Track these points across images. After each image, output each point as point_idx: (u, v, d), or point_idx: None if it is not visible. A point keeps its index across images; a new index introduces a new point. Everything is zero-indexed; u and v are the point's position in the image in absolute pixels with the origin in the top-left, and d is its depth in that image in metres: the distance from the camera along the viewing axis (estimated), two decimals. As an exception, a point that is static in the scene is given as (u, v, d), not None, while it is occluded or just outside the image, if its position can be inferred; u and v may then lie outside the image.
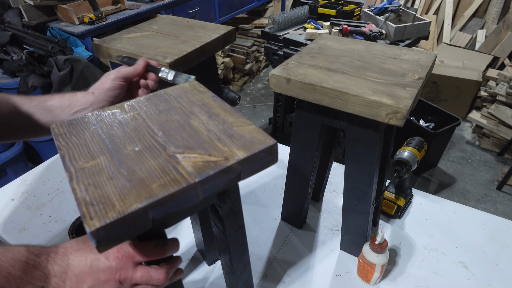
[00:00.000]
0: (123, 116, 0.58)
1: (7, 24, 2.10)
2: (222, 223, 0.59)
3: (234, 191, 0.57)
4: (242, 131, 0.53)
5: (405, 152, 0.92)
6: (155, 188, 0.43)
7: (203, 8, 2.89)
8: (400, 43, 1.91)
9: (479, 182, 2.37)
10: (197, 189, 0.45)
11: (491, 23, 3.43)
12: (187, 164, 0.47)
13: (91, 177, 0.45)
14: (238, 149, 0.49)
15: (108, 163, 0.47)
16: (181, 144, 0.51)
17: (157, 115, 0.58)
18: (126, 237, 0.42)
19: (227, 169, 0.47)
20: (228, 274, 0.71)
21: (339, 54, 0.80)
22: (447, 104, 2.92)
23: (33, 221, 1.02)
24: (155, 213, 0.42)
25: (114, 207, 0.40)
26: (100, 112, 0.59)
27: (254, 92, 3.49)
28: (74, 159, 0.48)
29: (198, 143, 0.51)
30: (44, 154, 2.22)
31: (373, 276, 0.81)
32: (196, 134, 0.53)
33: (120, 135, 0.53)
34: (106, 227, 0.39)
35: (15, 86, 1.91)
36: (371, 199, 0.80)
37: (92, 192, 0.43)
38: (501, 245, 0.93)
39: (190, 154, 0.49)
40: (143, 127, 0.55)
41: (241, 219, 0.62)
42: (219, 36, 0.94)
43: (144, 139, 0.52)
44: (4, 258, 0.45)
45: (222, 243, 0.65)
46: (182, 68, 0.85)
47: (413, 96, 0.62)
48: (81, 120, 0.57)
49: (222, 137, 0.52)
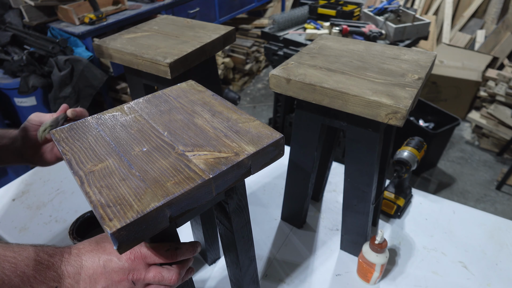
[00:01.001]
0: (124, 118, 0.58)
1: (7, 25, 2.10)
2: (229, 219, 0.59)
3: (241, 187, 0.58)
4: (248, 127, 0.54)
5: (404, 152, 0.93)
6: (170, 186, 0.43)
7: (203, 8, 2.90)
8: (399, 43, 1.91)
9: (479, 182, 2.38)
10: (211, 185, 0.46)
11: (490, 24, 3.44)
12: (198, 162, 0.47)
13: (103, 180, 0.45)
14: (246, 144, 0.50)
15: (118, 165, 0.48)
16: (188, 142, 0.51)
17: (159, 116, 0.58)
18: (144, 237, 0.42)
19: (238, 164, 0.48)
20: (234, 270, 0.71)
21: (339, 54, 0.80)
22: (446, 104, 2.93)
23: (33, 221, 1.02)
24: (172, 211, 0.43)
25: (132, 207, 0.41)
26: (100, 115, 0.60)
27: (254, 92, 3.50)
28: (81, 163, 0.49)
29: (206, 141, 0.51)
30: (44, 154, 2.22)
31: (372, 276, 0.81)
32: (202, 132, 0.54)
33: (124, 137, 0.54)
34: (127, 228, 0.39)
35: (16, 87, 1.91)
36: (371, 199, 0.80)
37: (107, 194, 0.43)
38: (500, 245, 0.94)
39: (199, 151, 0.49)
40: (147, 128, 0.55)
41: (247, 215, 0.62)
42: (219, 37, 0.94)
43: (151, 140, 0.53)
44: (19, 257, 0.45)
45: (228, 240, 0.65)
46: (182, 68, 0.85)
47: (413, 96, 0.63)
48: (81, 125, 0.57)
49: (229, 134, 0.53)
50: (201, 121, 0.56)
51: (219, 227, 0.66)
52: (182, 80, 0.74)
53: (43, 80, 1.91)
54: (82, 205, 1.07)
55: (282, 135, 0.52)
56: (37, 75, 1.91)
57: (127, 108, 0.61)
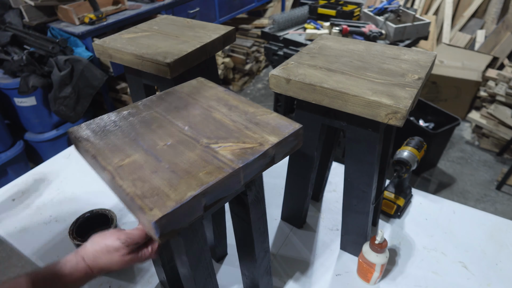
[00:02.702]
0: (142, 115, 0.60)
1: (7, 25, 2.10)
2: (247, 211, 0.61)
3: (259, 178, 0.60)
4: (267, 119, 0.56)
5: (404, 152, 0.93)
6: (203, 176, 0.45)
7: (203, 8, 2.90)
8: (399, 43, 1.91)
9: (479, 182, 2.37)
10: (240, 175, 0.48)
11: (490, 24, 3.43)
12: (225, 153, 0.49)
13: (134, 173, 0.47)
14: (269, 135, 0.52)
15: (145, 159, 0.49)
16: (211, 135, 0.53)
17: (176, 112, 0.60)
18: (181, 225, 0.44)
19: (264, 154, 0.50)
20: (248, 264, 0.73)
21: (339, 54, 0.80)
22: (446, 104, 2.93)
23: (33, 221, 1.02)
24: (207, 200, 0.45)
25: (169, 197, 0.42)
26: (115, 113, 0.61)
27: (254, 92, 3.49)
28: (108, 159, 0.50)
29: (228, 133, 0.53)
30: (44, 154, 2.22)
31: (373, 276, 0.81)
32: (222, 125, 0.55)
33: (146, 132, 0.55)
34: (167, 216, 0.41)
35: (16, 87, 1.91)
36: (371, 199, 0.80)
37: (141, 186, 0.45)
38: (500, 245, 0.94)
39: (224, 143, 0.51)
40: (167, 123, 0.57)
41: (264, 206, 0.64)
42: (219, 37, 0.94)
43: (173, 134, 0.54)
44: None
45: (244, 234, 0.67)
46: (182, 68, 0.85)
47: (413, 96, 0.63)
48: (99, 122, 0.58)
49: (250, 126, 0.54)
50: (219, 115, 0.58)
51: (234, 221, 0.67)
52: (182, 80, 0.74)
53: (43, 80, 1.91)
54: (82, 205, 1.07)
55: (301, 125, 0.54)
56: (37, 75, 1.91)
57: (142, 105, 0.62)
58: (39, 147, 2.20)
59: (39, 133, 2.16)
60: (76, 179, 1.17)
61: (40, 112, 2.06)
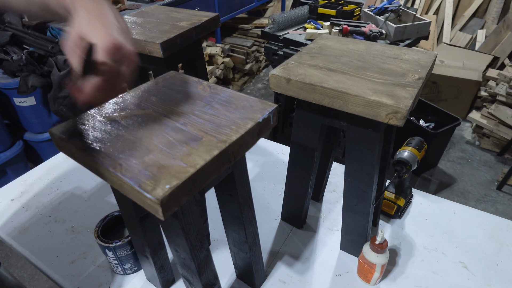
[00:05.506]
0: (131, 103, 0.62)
1: (7, 24, 2.09)
2: (235, 189, 0.65)
3: (243, 159, 0.65)
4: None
5: (405, 152, 0.92)
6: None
7: (203, 8, 2.90)
8: (400, 43, 1.91)
9: (479, 182, 2.37)
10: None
11: (491, 23, 3.43)
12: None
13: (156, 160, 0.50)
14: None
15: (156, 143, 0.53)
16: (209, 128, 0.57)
17: (170, 104, 0.62)
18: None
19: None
20: (241, 245, 0.75)
21: (339, 54, 0.80)
22: (447, 104, 2.92)
23: (33, 221, 1.02)
24: None
25: None
26: (115, 101, 0.63)
27: (254, 92, 3.49)
28: (116, 151, 0.52)
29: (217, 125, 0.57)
30: (44, 154, 2.22)
31: (373, 276, 0.81)
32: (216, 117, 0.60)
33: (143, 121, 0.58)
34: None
35: (15, 86, 1.91)
36: (371, 199, 0.80)
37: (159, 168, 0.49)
38: (501, 245, 0.93)
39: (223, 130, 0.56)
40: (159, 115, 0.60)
41: (249, 188, 0.69)
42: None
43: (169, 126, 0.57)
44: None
45: (232, 216, 0.70)
46: (171, 50, 0.92)
47: (413, 96, 0.62)
48: (94, 114, 0.60)
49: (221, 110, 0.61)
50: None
51: (221, 208, 0.71)
52: (173, 61, 0.83)
53: (42, 80, 1.91)
54: (82, 205, 1.07)
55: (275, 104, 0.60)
56: (37, 75, 1.91)
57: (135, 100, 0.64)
58: (38, 147, 2.20)
59: (38, 133, 2.16)
60: (76, 179, 1.17)
61: (40, 112, 2.06)
